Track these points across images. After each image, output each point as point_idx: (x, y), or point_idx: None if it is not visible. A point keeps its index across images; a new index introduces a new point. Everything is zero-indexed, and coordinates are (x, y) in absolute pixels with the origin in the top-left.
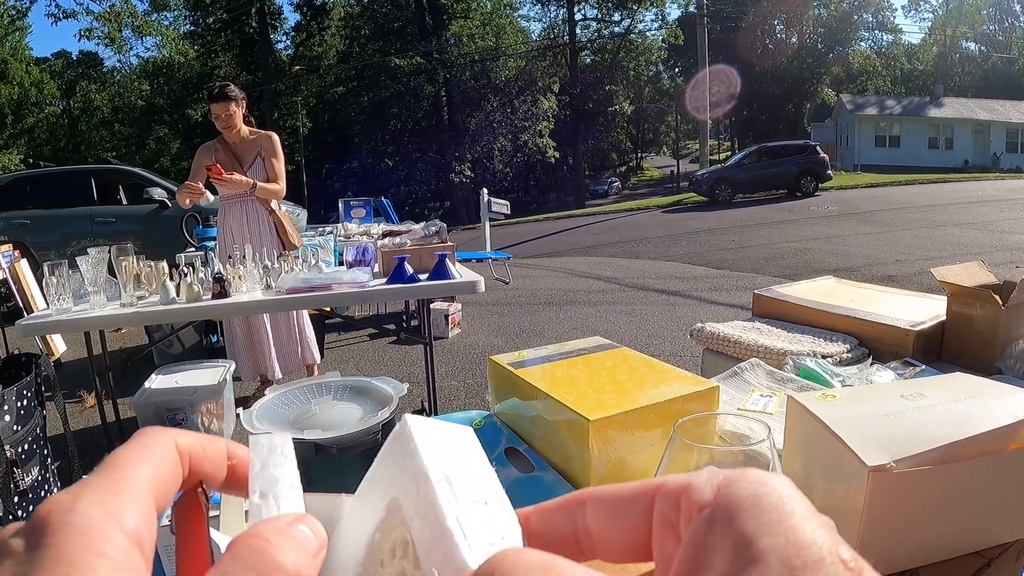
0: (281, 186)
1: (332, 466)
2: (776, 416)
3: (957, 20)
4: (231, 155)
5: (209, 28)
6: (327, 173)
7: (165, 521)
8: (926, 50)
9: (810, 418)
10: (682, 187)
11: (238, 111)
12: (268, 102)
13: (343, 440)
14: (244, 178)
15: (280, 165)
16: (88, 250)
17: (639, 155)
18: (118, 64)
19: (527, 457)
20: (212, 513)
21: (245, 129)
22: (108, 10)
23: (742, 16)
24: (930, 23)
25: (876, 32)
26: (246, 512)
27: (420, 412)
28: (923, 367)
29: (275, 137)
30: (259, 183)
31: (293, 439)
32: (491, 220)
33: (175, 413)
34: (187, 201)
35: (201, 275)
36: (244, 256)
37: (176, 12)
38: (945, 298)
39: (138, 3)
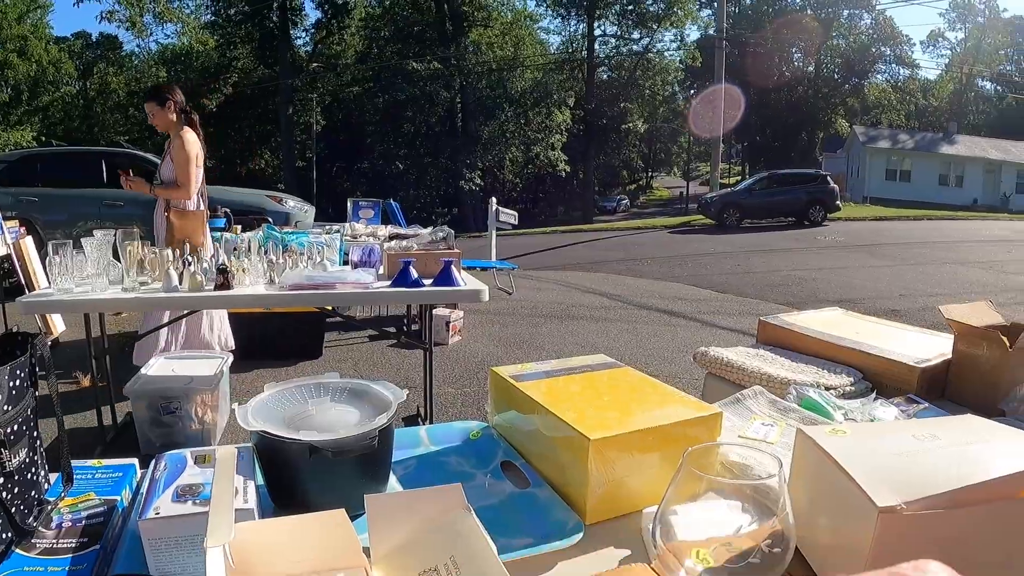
0: (182, 187)
1: (326, 469)
2: (777, 445)
3: (975, 58)
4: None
5: (230, 19)
6: (338, 172)
7: (151, 514)
8: (942, 87)
9: (819, 453)
10: (691, 209)
11: (161, 111)
12: (284, 97)
13: (338, 444)
14: (141, 181)
15: (183, 166)
16: (94, 232)
17: (649, 174)
18: (137, 49)
19: (523, 472)
20: (195, 510)
21: (174, 128)
22: None
23: (760, 42)
24: (947, 60)
25: (893, 66)
26: None
27: (416, 418)
28: (926, 404)
29: (185, 136)
30: (158, 186)
31: (287, 439)
32: (498, 229)
33: (169, 402)
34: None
35: (205, 265)
36: (249, 249)
37: (198, 1)
38: (951, 336)
39: None
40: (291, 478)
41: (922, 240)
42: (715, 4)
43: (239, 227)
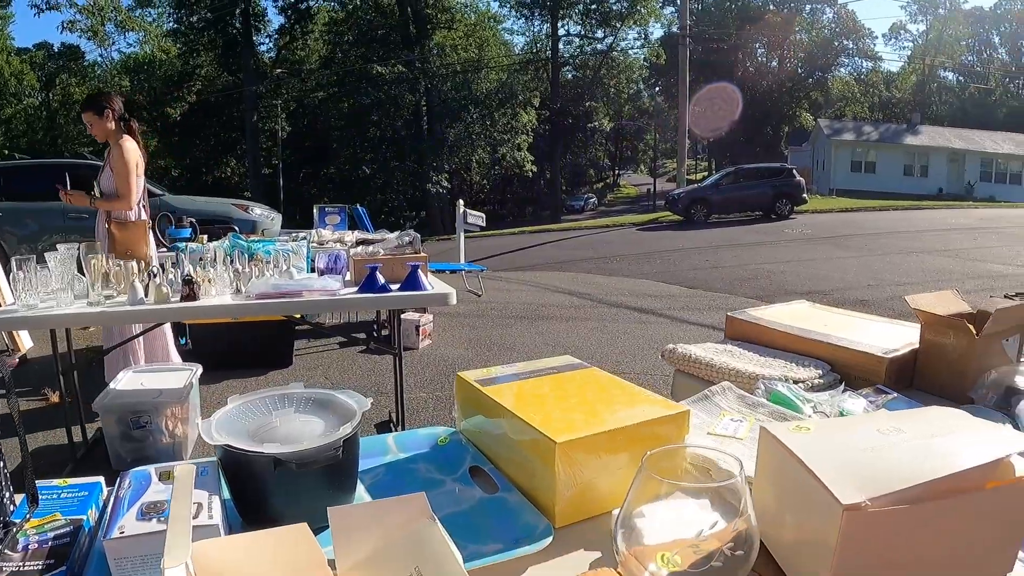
0: (122, 197)
1: (291, 482)
2: (746, 441)
3: (936, 50)
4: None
5: (192, 26)
6: (304, 178)
7: (116, 533)
8: (905, 78)
9: (783, 451)
10: (658, 205)
11: (99, 121)
12: (248, 104)
13: (303, 456)
14: (80, 194)
15: (122, 176)
16: (58, 246)
17: (616, 172)
18: (99, 58)
19: (492, 477)
20: (160, 527)
21: (113, 137)
22: (92, 3)
23: (724, 38)
24: (909, 52)
25: (856, 59)
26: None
27: (388, 423)
28: (895, 394)
29: (124, 145)
30: (97, 198)
31: (251, 452)
32: (466, 232)
33: (139, 416)
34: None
35: (171, 276)
36: (215, 259)
37: (160, 9)
38: (918, 326)
39: None
40: (257, 492)
41: (888, 230)
42: (678, 1)
43: (205, 236)
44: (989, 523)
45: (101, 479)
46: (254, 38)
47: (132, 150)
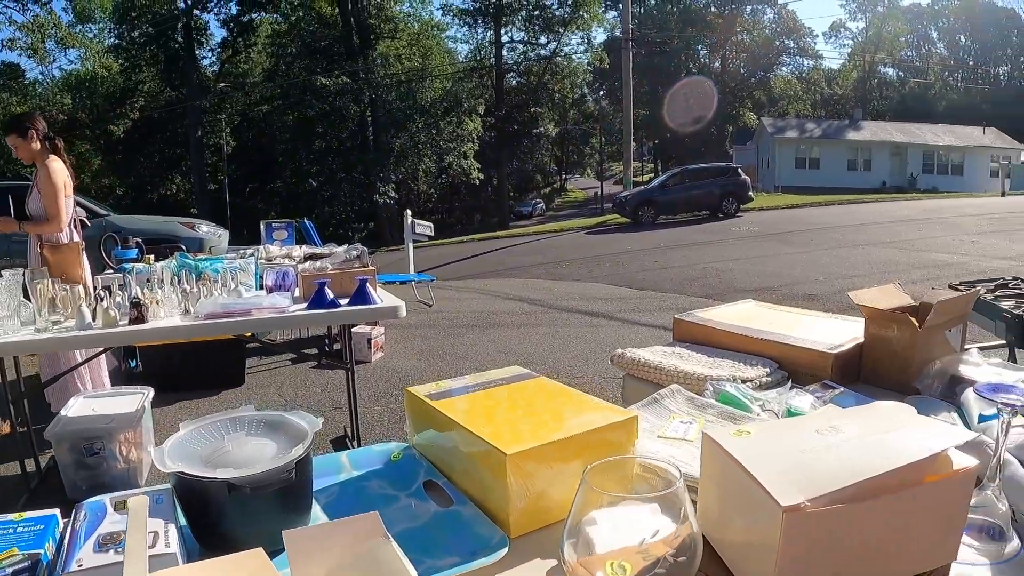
0: (52, 220)
1: (246, 506)
2: (696, 443)
3: (876, 46)
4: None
5: (134, 42)
6: (251, 193)
7: (74, 567)
8: (846, 75)
9: (725, 456)
10: (606, 208)
11: (24, 143)
12: (192, 119)
13: (256, 479)
14: (7, 219)
15: (51, 197)
16: (2, 272)
17: (563, 177)
18: (40, 76)
19: (446, 491)
20: (118, 559)
21: (39, 158)
22: (32, 20)
23: (667, 41)
24: (850, 49)
25: (797, 58)
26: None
27: (343, 439)
28: (842, 389)
29: (51, 165)
30: (27, 222)
31: (205, 478)
32: (415, 242)
33: (92, 443)
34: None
35: (119, 299)
36: (162, 280)
37: (101, 24)
38: (863, 320)
39: (63, 14)
40: (212, 517)
41: (834, 225)
42: (620, 5)
43: (152, 257)
44: (929, 515)
45: (57, 511)
46: (196, 52)
47: (59, 170)
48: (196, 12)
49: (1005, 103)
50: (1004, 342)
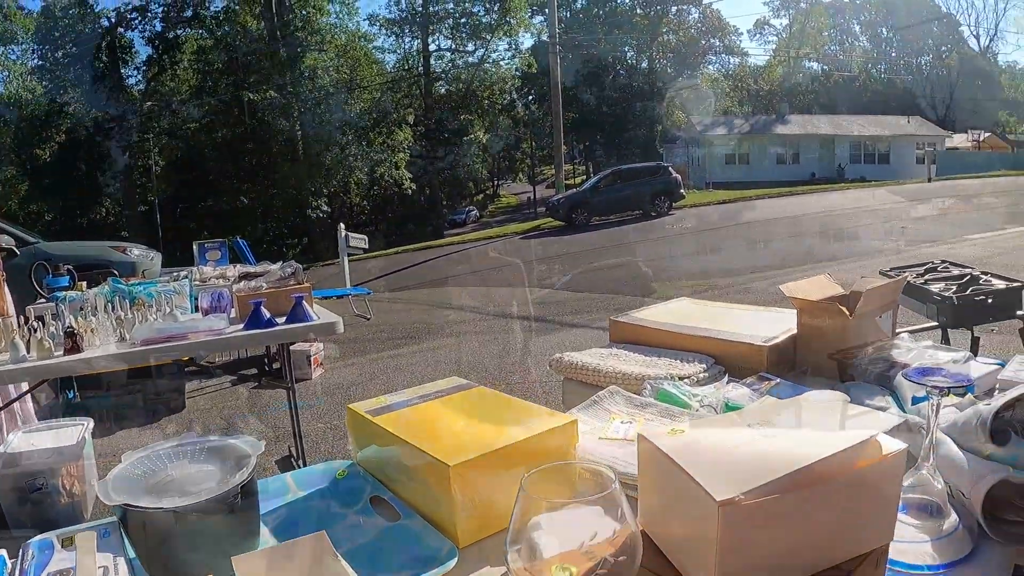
0: None
1: (193, 533)
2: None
3: (800, 42)
4: None
5: (58, 63)
6: (183, 213)
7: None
8: (771, 71)
9: (660, 455)
10: (539, 213)
11: None
12: (119, 140)
13: (201, 506)
14: None
15: None
16: None
17: (496, 183)
18: None
19: (393, 505)
20: None
21: None
22: None
23: (593, 44)
24: (775, 46)
25: (723, 55)
26: None
27: (289, 459)
28: (778, 381)
29: None
30: None
31: (150, 508)
32: (349, 255)
33: (34, 479)
34: None
35: (52, 329)
36: (96, 307)
37: (24, 46)
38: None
39: None
40: (161, 547)
41: (765, 218)
42: (547, 10)
43: (84, 283)
44: (863, 500)
45: (4, 552)
46: (122, 71)
47: None
48: (120, 30)
49: (928, 92)
50: (936, 324)
